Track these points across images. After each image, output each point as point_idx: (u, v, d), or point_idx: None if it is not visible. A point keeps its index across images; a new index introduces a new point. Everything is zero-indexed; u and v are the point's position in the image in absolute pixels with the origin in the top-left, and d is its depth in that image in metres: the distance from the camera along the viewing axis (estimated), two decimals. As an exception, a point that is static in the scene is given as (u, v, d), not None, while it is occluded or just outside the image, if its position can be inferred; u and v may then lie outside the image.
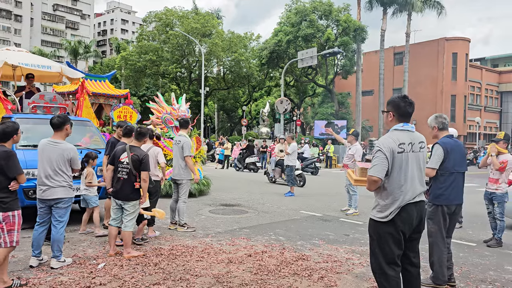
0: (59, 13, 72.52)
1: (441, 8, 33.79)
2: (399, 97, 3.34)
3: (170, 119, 10.56)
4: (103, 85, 13.50)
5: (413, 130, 3.29)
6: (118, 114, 11.36)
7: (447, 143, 4.51)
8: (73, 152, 4.86)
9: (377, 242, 3.23)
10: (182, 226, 6.90)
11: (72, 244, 5.82)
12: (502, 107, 45.86)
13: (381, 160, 3.14)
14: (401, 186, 3.16)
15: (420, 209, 3.25)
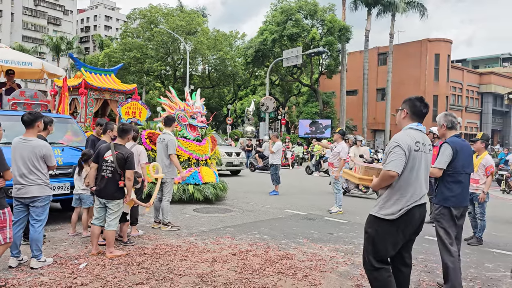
0: (40, 8, 71.12)
1: (423, 10, 34.24)
2: (417, 97, 3.36)
3: (184, 116, 9.62)
4: (109, 80, 12.36)
5: (424, 131, 3.33)
6: (126, 111, 10.46)
7: (456, 142, 4.30)
8: (46, 148, 4.74)
9: (373, 239, 3.23)
10: (166, 225, 6.83)
11: (53, 244, 5.71)
12: (482, 107, 46.75)
13: (400, 155, 3.10)
14: (410, 185, 3.15)
15: (423, 212, 3.27)
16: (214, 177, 9.90)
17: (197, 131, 9.85)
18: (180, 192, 9.19)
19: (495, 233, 7.60)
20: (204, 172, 9.64)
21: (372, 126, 40.93)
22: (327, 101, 36.98)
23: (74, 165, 6.91)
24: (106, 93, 11.71)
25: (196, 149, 9.61)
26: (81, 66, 11.62)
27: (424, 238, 6.80)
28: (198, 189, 9.32)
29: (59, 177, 6.72)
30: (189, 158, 9.49)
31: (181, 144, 9.35)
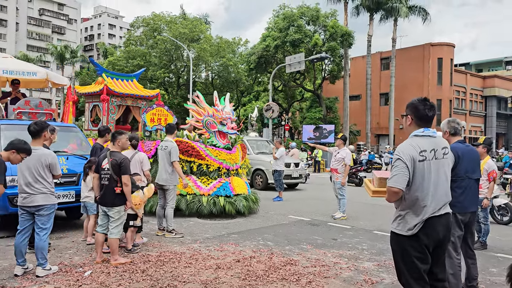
0: (45, 17, 71.81)
1: (426, 15, 34.32)
2: (419, 99, 3.09)
3: (213, 123, 9.00)
4: (131, 85, 11.83)
5: (435, 136, 3.04)
6: (151, 117, 9.95)
7: (458, 148, 4.25)
8: (51, 157, 4.81)
9: (401, 257, 2.99)
10: (170, 232, 6.85)
11: (58, 252, 5.75)
12: (486, 111, 46.59)
13: (401, 169, 2.90)
14: (423, 197, 2.92)
15: (446, 222, 3.02)
16: (246, 188, 9.20)
17: (227, 139, 9.28)
18: (210, 205, 8.41)
19: (499, 237, 7.57)
20: (235, 182, 8.99)
21: (375, 131, 40.88)
22: (330, 106, 37.00)
23: (79, 173, 6.99)
24: (128, 99, 11.26)
25: (227, 158, 8.97)
26: (103, 71, 11.30)
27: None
28: (229, 201, 8.58)
29: (63, 185, 6.78)
30: (219, 168, 8.88)
31: (210, 152, 8.80)
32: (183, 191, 8.20)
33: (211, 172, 8.78)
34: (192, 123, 9.32)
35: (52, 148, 6.36)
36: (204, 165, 8.73)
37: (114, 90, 10.59)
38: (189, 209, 8.33)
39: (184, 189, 8.05)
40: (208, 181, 8.73)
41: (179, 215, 8.19)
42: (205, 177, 8.77)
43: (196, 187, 8.53)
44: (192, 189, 8.44)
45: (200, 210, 8.32)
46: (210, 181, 8.74)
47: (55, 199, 4.87)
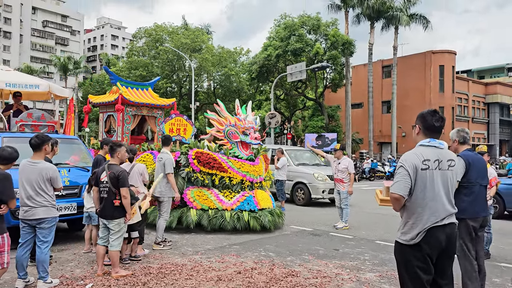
0: (48, 29, 72.45)
1: (427, 22, 34.40)
2: (429, 111, 3.15)
3: (235, 133, 8.55)
4: (146, 94, 11.35)
5: (441, 147, 3.07)
6: (171, 127, 9.51)
7: (468, 155, 4.45)
8: (52, 171, 4.82)
9: (404, 267, 3.01)
10: (158, 244, 6.78)
11: (60, 264, 5.75)
12: (489, 118, 46.50)
13: (403, 176, 2.95)
14: (425, 205, 2.94)
15: (450, 233, 3.01)
16: (270, 201, 8.69)
17: (250, 149, 8.83)
18: (234, 220, 7.97)
19: (502, 246, 7.53)
20: (259, 196, 8.48)
21: (378, 139, 40.82)
22: (332, 115, 37.01)
23: (81, 185, 7.02)
24: (144, 109, 10.82)
25: (250, 170, 8.46)
26: (117, 80, 10.96)
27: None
28: (254, 216, 8.10)
29: (65, 197, 6.80)
30: (242, 181, 8.38)
31: (233, 164, 8.30)
32: (205, 206, 8.01)
33: (234, 185, 8.32)
34: (213, 133, 8.89)
35: (54, 161, 6.42)
36: (226, 178, 8.28)
37: (129, 99, 10.24)
38: (212, 225, 7.94)
39: (229, 208, 7.94)
40: (231, 194, 8.29)
41: (198, 230, 8.00)
42: (228, 190, 8.34)
43: (218, 201, 8.11)
44: (214, 203, 8.07)
45: (223, 226, 7.91)
46: (233, 194, 8.29)
47: (56, 212, 4.89)
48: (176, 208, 8.03)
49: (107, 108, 10.81)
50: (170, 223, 7.81)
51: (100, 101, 10.90)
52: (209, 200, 8.09)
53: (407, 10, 34.19)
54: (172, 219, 7.87)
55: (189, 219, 7.90)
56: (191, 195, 8.11)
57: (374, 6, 32.84)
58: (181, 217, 8.01)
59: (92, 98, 11.27)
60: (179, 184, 7.94)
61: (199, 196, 8.11)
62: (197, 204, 8.05)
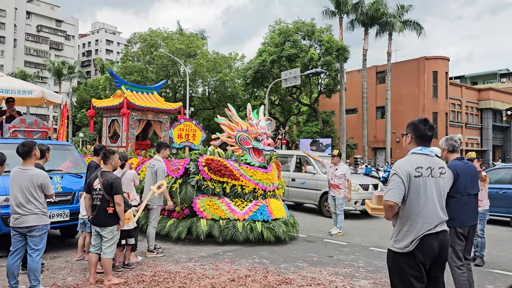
0: (43, 34, 72.28)
1: (420, 29, 34.71)
2: (420, 120, 3.19)
3: (247, 139, 8.18)
4: (151, 98, 11.01)
5: (432, 155, 3.13)
6: (179, 133, 9.08)
7: (456, 165, 4.51)
8: (43, 177, 4.76)
9: (397, 276, 3.00)
10: (151, 251, 6.72)
11: (52, 272, 5.70)
12: (482, 123, 46.83)
13: (397, 183, 2.96)
14: (419, 212, 2.95)
15: (443, 240, 3.02)
16: (284, 211, 8.26)
17: (262, 156, 8.44)
18: (247, 230, 7.51)
19: (496, 253, 7.56)
20: (273, 205, 8.07)
21: (372, 144, 40.96)
22: (327, 120, 37.13)
23: (74, 192, 6.97)
24: (149, 113, 10.50)
25: (263, 177, 8.05)
26: (122, 83, 10.65)
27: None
28: (267, 227, 7.66)
29: (58, 204, 6.74)
30: (255, 189, 7.95)
31: (245, 172, 7.87)
32: (215, 215, 7.57)
33: (246, 194, 7.85)
34: (224, 139, 8.48)
35: (47, 167, 6.38)
36: (238, 186, 7.81)
37: (134, 103, 9.94)
38: (223, 236, 7.48)
39: (242, 218, 7.56)
40: (243, 204, 7.83)
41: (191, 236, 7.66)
42: (240, 199, 7.90)
43: (229, 211, 7.66)
44: (225, 213, 7.63)
45: (235, 237, 7.45)
46: (245, 204, 7.83)
47: (47, 219, 4.82)
48: (186, 218, 7.74)
49: (111, 112, 10.52)
50: (179, 234, 7.50)
51: (104, 105, 10.63)
52: (220, 210, 7.63)
53: (401, 16, 34.52)
54: (182, 229, 7.57)
55: (199, 229, 7.45)
56: (201, 204, 7.67)
57: (368, 13, 33.12)
58: (191, 227, 7.61)
59: (95, 102, 10.98)
60: (188, 193, 7.67)
61: (209, 206, 7.66)
62: (207, 214, 7.60)
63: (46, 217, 4.79)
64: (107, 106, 10.49)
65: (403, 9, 34.51)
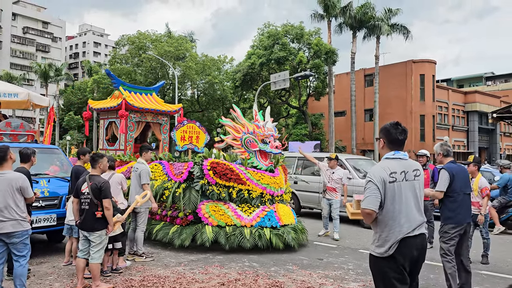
0: (29, 36, 71.39)
1: (407, 33, 35.04)
2: (391, 124, 3.21)
3: (253, 141, 7.85)
4: (150, 99, 10.69)
5: (405, 158, 3.15)
6: (182, 135, 8.78)
7: (452, 167, 4.96)
8: (21, 180, 4.63)
9: (381, 279, 3.05)
10: (140, 256, 6.64)
11: (38, 278, 5.60)
12: (468, 126, 47.44)
13: (373, 191, 3.00)
14: (396, 217, 3.00)
15: (421, 243, 3.08)
16: (293, 216, 7.94)
17: (269, 159, 8.11)
18: (255, 237, 7.16)
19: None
20: (281, 211, 7.73)
21: (361, 147, 41.21)
22: (316, 123, 37.27)
23: (61, 196, 6.87)
24: (149, 115, 10.20)
25: (271, 181, 7.72)
26: (120, 84, 10.35)
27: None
28: (276, 233, 7.33)
29: (45, 208, 6.64)
30: (262, 194, 7.62)
31: (251, 176, 7.53)
32: (221, 222, 7.22)
33: (253, 199, 7.52)
34: (229, 141, 8.16)
35: (34, 171, 6.29)
36: (245, 191, 7.47)
37: (133, 104, 9.65)
38: (230, 243, 7.11)
39: (249, 224, 7.19)
40: (250, 209, 7.49)
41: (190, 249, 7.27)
42: (246, 205, 7.56)
43: (236, 217, 7.30)
44: (231, 219, 7.27)
45: (242, 244, 7.10)
46: (252, 209, 7.48)
47: (27, 225, 4.65)
48: (189, 225, 7.39)
49: (108, 114, 10.24)
50: (183, 242, 7.16)
51: (101, 107, 10.32)
52: (226, 216, 7.28)
53: (388, 20, 34.79)
54: (185, 236, 7.22)
55: (204, 236, 7.08)
56: (206, 210, 7.30)
57: (356, 16, 33.34)
58: (196, 234, 7.23)
59: (92, 104, 10.65)
60: (192, 198, 7.33)
61: (215, 211, 7.29)
62: (212, 220, 7.21)
63: (26, 223, 4.64)
64: (104, 108, 10.20)
65: (390, 13, 34.81)
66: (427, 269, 6.41)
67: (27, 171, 5.41)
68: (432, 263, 6.80)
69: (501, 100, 49.74)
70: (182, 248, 7.27)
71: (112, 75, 10.76)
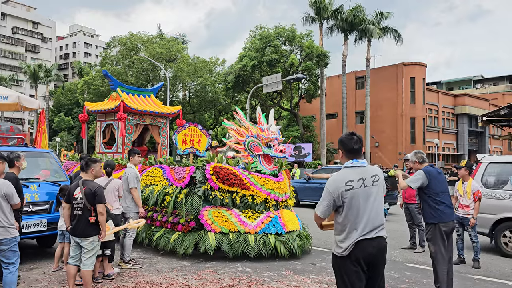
0: (18, 36, 70.70)
1: (398, 36, 35.30)
2: (347, 134, 3.38)
3: (257, 145, 7.60)
4: (149, 101, 10.44)
5: (363, 165, 3.29)
6: (183, 138, 8.54)
7: (429, 170, 5.23)
8: (6, 186, 4.56)
9: (339, 276, 3.25)
10: (127, 263, 6.50)
11: (28, 285, 5.51)
12: (458, 128, 47.90)
13: (325, 199, 3.23)
14: (352, 221, 3.17)
15: (378, 245, 3.22)
16: (298, 222, 7.68)
17: (274, 164, 7.86)
18: (259, 245, 6.92)
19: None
20: (286, 216, 7.48)
21: (352, 149, 41.39)
22: (307, 125, 37.36)
23: (52, 201, 6.78)
24: (147, 117, 9.98)
25: (275, 186, 7.48)
26: (117, 85, 10.13)
27: (406, 266, 6.83)
28: (281, 240, 7.10)
29: (35, 213, 6.55)
30: (267, 199, 7.37)
31: (255, 181, 7.29)
32: (224, 228, 6.98)
33: (257, 205, 7.28)
34: (232, 145, 7.94)
35: (23, 175, 6.20)
36: (249, 196, 7.23)
37: (131, 107, 9.44)
38: (233, 251, 6.88)
39: (253, 231, 6.97)
40: (254, 215, 7.26)
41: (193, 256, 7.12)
42: (250, 210, 7.32)
43: (240, 223, 7.06)
44: (235, 225, 7.04)
45: (246, 252, 6.88)
46: (256, 215, 7.25)
47: (14, 232, 4.57)
48: (192, 232, 7.14)
49: (106, 116, 10.04)
50: (186, 250, 6.95)
51: (98, 109, 10.11)
52: (229, 222, 7.04)
53: (379, 23, 35.03)
54: (188, 244, 6.99)
55: (207, 243, 6.85)
56: (209, 216, 7.06)
57: (347, 19, 33.54)
58: (198, 241, 7.00)
59: (88, 105, 10.43)
60: (194, 204, 7.11)
61: (218, 218, 7.06)
62: (215, 227, 6.98)
63: (13, 230, 4.57)
64: (101, 110, 10.01)
65: (382, 16, 35.06)
66: (420, 274, 6.45)
67: (14, 176, 5.33)
68: (424, 267, 6.83)
69: (490, 103, 50.35)
70: (174, 252, 7.19)
71: (110, 76, 10.56)
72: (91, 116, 18.63)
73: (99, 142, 10.43)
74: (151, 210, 7.79)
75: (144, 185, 7.93)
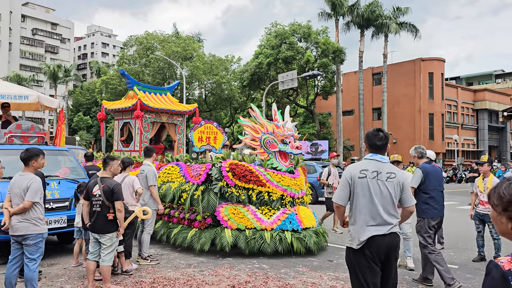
0: (38, 37, 72.05)
1: (416, 31, 34.79)
2: (374, 129, 3.52)
3: (273, 142, 7.57)
4: (165, 100, 10.51)
5: (382, 161, 3.35)
6: (199, 136, 8.54)
7: (426, 167, 5.60)
8: (32, 181, 4.58)
9: (353, 269, 3.25)
10: (145, 259, 6.58)
11: (49, 280, 5.63)
12: (478, 124, 47.02)
13: (342, 185, 3.32)
14: (361, 209, 3.23)
15: (391, 242, 3.22)
16: (314, 219, 7.64)
17: (289, 160, 7.85)
18: (276, 241, 6.92)
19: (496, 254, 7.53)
20: (302, 213, 7.44)
21: (369, 146, 41.04)
22: (323, 122, 37.19)
23: (71, 198, 6.90)
24: (164, 115, 10.02)
25: (291, 183, 7.44)
26: (134, 84, 10.23)
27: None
28: (297, 237, 7.09)
29: (55, 210, 6.69)
30: (283, 196, 7.35)
31: (271, 177, 7.26)
32: (241, 225, 7.02)
33: (273, 202, 7.26)
34: (247, 142, 7.90)
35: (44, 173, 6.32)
36: (265, 193, 7.20)
37: (148, 105, 9.52)
38: (250, 248, 6.88)
39: (269, 227, 6.99)
40: (270, 212, 7.23)
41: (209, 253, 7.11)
42: (266, 207, 7.30)
43: (256, 220, 7.05)
44: (251, 222, 7.03)
45: (263, 249, 6.88)
46: (272, 212, 7.22)
47: (42, 227, 4.63)
48: (208, 228, 7.18)
49: (123, 115, 10.15)
50: (203, 246, 6.98)
51: (115, 107, 10.23)
52: (245, 219, 7.04)
53: (397, 18, 34.57)
54: (205, 240, 7.02)
55: (223, 240, 6.88)
56: (226, 213, 7.07)
57: (364, 15, 33.19)
58: (215, 238, 7.03)
59: (106, 104, 10.55)
60: (211, 200, 7.16)
61: (234, 214, 7.08)
62: (232, 223, 7.01)
63: (41, 225, 4.62)
64: (119, 108, 10.12)
65: (399, 11, 34.59)
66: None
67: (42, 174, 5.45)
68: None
69: (511, 98, 49.21)
70: (191, 249, 7.25)
71: (127, 75, 10.66)
72: (109, 115, 18.87)
73: (117, 140, 10.57)
74: (168, 207, 7.86)
75: (161, 182, 8.01)
